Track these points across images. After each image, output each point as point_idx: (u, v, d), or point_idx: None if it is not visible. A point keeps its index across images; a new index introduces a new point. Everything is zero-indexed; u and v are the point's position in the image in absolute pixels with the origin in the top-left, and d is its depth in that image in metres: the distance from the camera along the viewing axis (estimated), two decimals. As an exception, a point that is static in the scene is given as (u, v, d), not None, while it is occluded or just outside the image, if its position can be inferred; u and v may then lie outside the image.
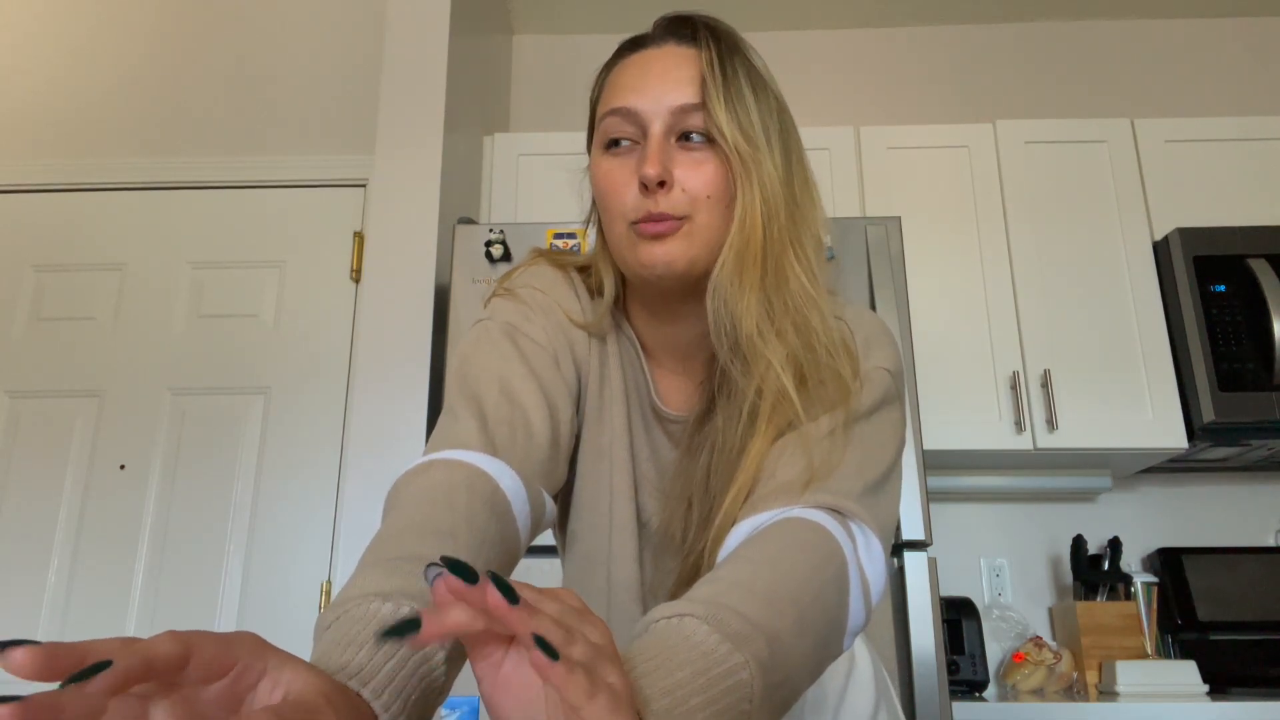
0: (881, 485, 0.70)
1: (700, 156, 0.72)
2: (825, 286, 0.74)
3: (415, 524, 0.56)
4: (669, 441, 0.81)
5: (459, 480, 0.61)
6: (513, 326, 0.77)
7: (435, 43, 2.08)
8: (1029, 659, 2.05)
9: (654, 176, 0.70)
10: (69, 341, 2.35)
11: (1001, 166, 2.26)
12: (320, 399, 2.28)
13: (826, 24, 2.79)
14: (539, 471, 0.70)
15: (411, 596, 0.50)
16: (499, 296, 0.81)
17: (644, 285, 0.77)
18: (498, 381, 0.72)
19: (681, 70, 0.74)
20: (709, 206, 0.72)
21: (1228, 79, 2.68)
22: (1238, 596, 2.14)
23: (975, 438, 2.08)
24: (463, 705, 1.55)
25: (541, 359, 0.76)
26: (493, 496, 0.62)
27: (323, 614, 0.50)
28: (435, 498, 0.59)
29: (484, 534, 0.58)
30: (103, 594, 2.15)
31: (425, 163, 1.98)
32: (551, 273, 0.83)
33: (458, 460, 0.63)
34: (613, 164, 0.75)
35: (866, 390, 0.73)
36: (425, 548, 0.54)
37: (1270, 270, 2.05)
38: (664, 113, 0.72)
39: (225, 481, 2.23)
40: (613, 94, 0.76)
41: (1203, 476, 2.36)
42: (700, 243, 0.72)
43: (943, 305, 2.16)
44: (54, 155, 2.51)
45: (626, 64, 0.77)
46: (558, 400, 0.75)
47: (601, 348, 0.82)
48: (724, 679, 0.46)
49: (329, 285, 2.37)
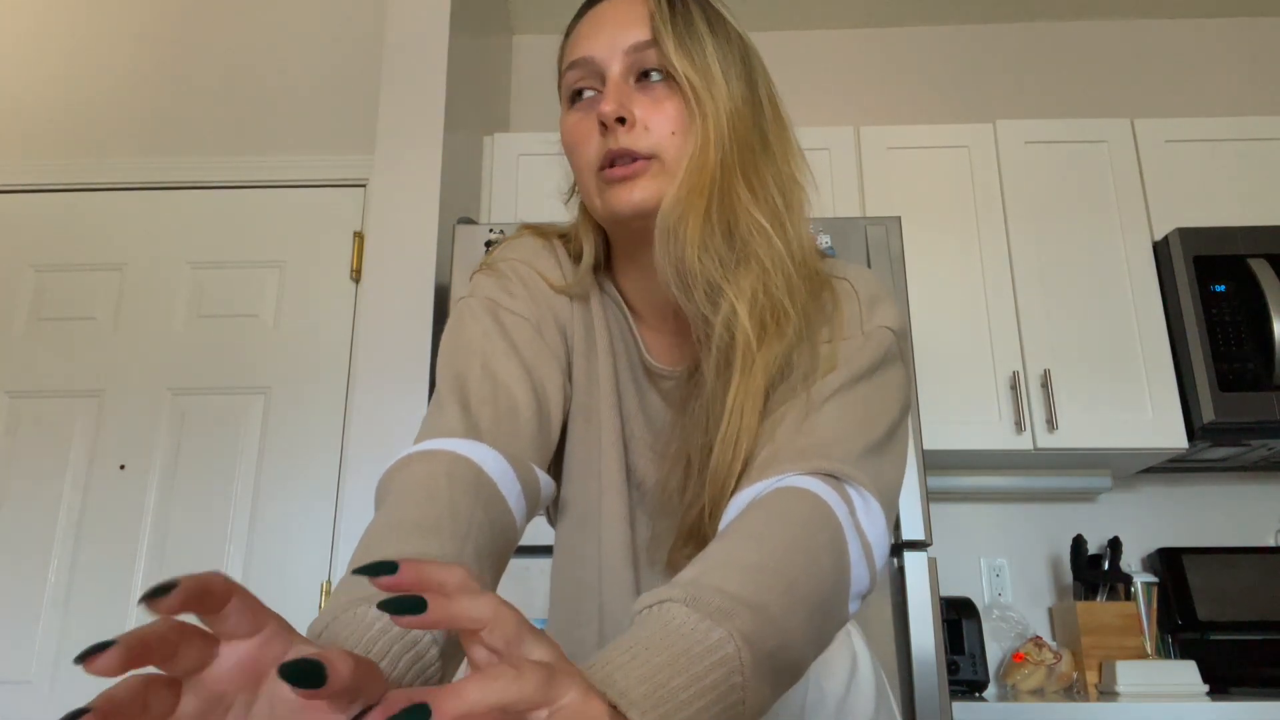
0: (883, 446, 0.69)
1: (660, 93, 0.71)
2: (804, 232, 0.73)
3: (397, 522, 0.56)
4: (662, 400, 0.80)
5: (439, 470, 0.61)
6: (493, 301, 0.77)
7: (435, 43, 2.08)
8: (1029, 659, 2.05)
9: (611, 112, 0.69)
10: (69, 341, 2.35)
11: (1001, 166, 2.26)
12: (320, 399, 2.28)
13: (826, 24, 2.79)
14: (529, 447, 0.69)
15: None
16: (480, 272, 0.80)
17: (625, 237, 0.76)
18: (479, 361, 0.72)
19: (633, 12, 0.73)
20: (675, 143, 0.70)
21: (1228, 79, 2.68)
22: (1238, 596, 2.14)
23: (975, 438, 2.08)
24: (463, 705, 1.55)
25: (523, 330, 0.75)
26: (476, 481, 0.61)
27: (312, 623, 0.50)
28: (416, 492, 0.59)
29: (469, 522, 0.58)
30: (103, 594, 2.15)
31: (425, 163, 1.98)
32: (532, 241, 0.83)
33: (438, 450, 0.63)
34: (576, 116, 0.74)
35: (869, 348, 0.72)
36: (410, 546, 0.54)
37: (1270, 270, 2.05)
38: (618, 55, 0.72)
39: (225, 481, 2.23)
40: (569, 50, 0.76)
41: (1203, 476, 2.36)
42: (670, 180, 0.70)
43: (943, 305, 2.16)
44: (54, 155, 2.51)
45: (580, 21, 0.77)
46: (543, 370, 0.74)
47: (585, 310, 0.81)
48: (706, 656, 0.46)
49: (329, 285, 2.37)
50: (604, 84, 0.73)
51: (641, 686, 0.43)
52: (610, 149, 0.70)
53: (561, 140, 0.77)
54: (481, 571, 0.57)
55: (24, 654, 2.12)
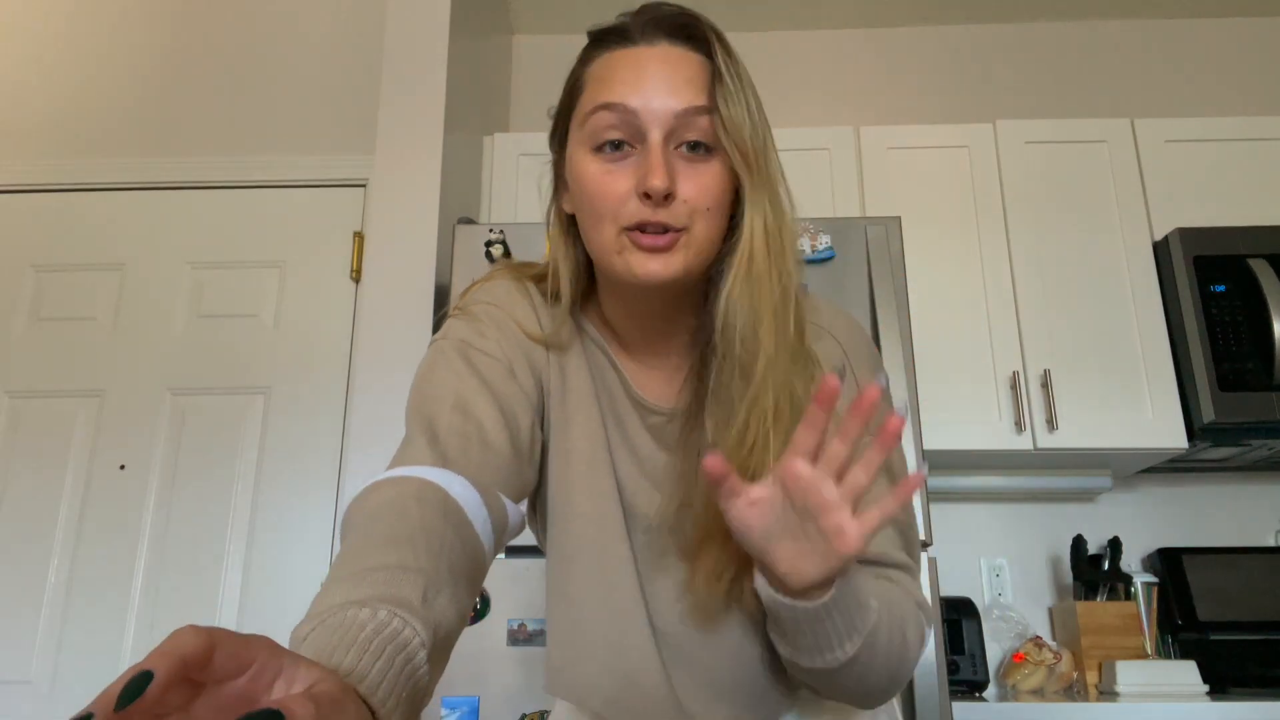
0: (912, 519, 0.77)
1: (703, 166, 0.70)
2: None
3: (373, 537, 0.56)
4: (652, 438, 0.80)
5: (408, 492, 0.61)
6: (465, 343, 0.76)
7: (435, 43, 2.08)
8: (1029, 659, 2.05)
9: (661, 190, 0.67)
10: (69, 341, 2.35)
11: (1001, 166, 2.26)
12: (320, 399, 2.28)
13: (826, 24, 2.79)
14: (498, 479, 0.69)
15: (386, 601, 0.50)
16: (453, 316, 0.80)
17: (624, 286, 0.76)
18: (451, 397, 0.71)
19: (682, 71, 0.71)
20: (707, 218, 0.70)
21: (1228, 79, 2.68)
22: (1238, 596, 2.14)
23: (975, 438, 2.08)
24: (462, 705, 1.55)
25: (495, 371, 0.75)
26: (444, 504, 0.61)
27: (297, 627, 0.50)
28: (386, 513, 0.59)
29: (441, 540, 0.58)
30: (103, 594, 2.15)
31: (425, 163, 1.98)
32: (506, 285, 0.82)
33: (404, 476, 0.63)
34: (606, 168, 0.71)
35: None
36: (389, 557, 0.54)
37: (1270, 270, 2.05)
38: (667, 116, 0.69)
39: (225, 481, 2.23)
40: (603, 88, 0.72)
41: (1203, 476, 2.36)
42: (695, 253, 0.70)
43: (943, 305, 2.16)
44: (54, 155, 2.51)
45: (616, 58, 0.73)
46: (515, 408, 0.74)
47: (561, 356, 0.81)
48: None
49: (329, 285, 2.37)
50: (640, 139, 0.70)
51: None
52: (647, 219, 0.69)
53: (578, 182, 0.73)
54: (457, 592, 0.57)
55: (24, 654, 2.12)
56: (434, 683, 0.52)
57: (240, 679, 0.37)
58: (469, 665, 1.56)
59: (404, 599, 0.51)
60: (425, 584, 0.53)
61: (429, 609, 0.52)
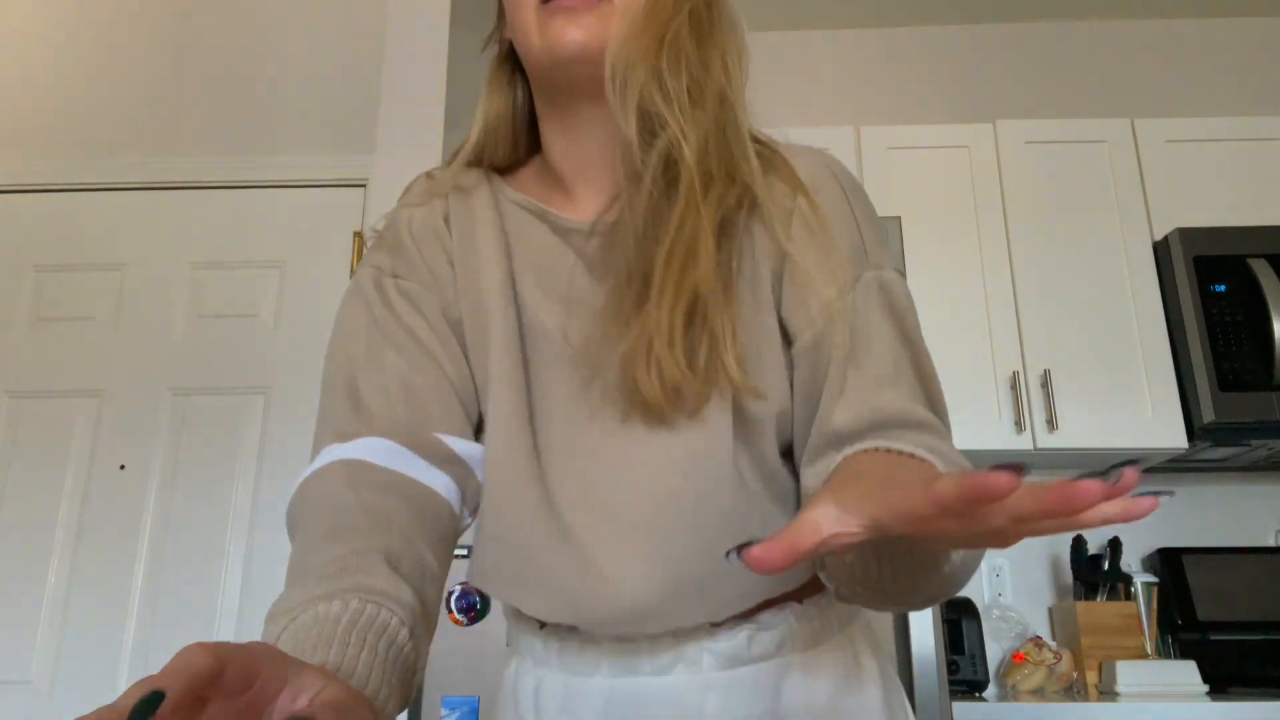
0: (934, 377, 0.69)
1: None
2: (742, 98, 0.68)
3: (318, 537, 0.55)
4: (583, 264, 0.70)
5: (336, 479, 0.60)
6: (377, 269, 0.72)
7: (435, 43, 2.08)
8: (1029, 659, 2.05)
9: None
10: (69, 341, 2.35)
11: (1001, 166, 2.26)
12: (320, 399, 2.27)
13: (826, 24, 2.79)
14: (436, 419, 0.65)
15: (353, 590, 0.49)
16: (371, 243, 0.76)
17: (553, 88, 0.70)
18: (364, 348, 0.67)
19: None
20: None
21: (1228, 79, 2.68)
22: (1238, 596, 2.14)
23: (975, 438, 2.07)
24: (463, 705, 1.55)
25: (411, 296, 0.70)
26: (377, 476, 0.60)
27: (266, 629, 0.49)
28: (323, 508, 0.58)
29: (386, 512, 0.57)
30: (103, 594, 2.15)
31: (425, 163, 1.96)
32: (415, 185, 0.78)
33: (326, 465, 0.61)
34: None
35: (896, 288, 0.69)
36: (340, 549, 0.53)
37: (1270, 270, 2.05)
38: None
39: (225, 481, 2.23)
40: None
41: (1203, 476, 2.36)
42: (621, 23, 0.65)
43: (943, 305, 2.16)
44: (54, 155, 2.51)
45: None
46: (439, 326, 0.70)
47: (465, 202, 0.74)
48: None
49: (329, 285, 2.37)
50: None
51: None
52: None
53: None
54: (420, 553, 0.56)
55: (24, 654, 2.12)
56: (424, 655, 0.52)
57: (245, 695, 0.36)
58: (469, 665, 1.56)
59: (369, 584, 0.50)
60: (385, 560, 0.53)
61: (397, 585, 0.51)
